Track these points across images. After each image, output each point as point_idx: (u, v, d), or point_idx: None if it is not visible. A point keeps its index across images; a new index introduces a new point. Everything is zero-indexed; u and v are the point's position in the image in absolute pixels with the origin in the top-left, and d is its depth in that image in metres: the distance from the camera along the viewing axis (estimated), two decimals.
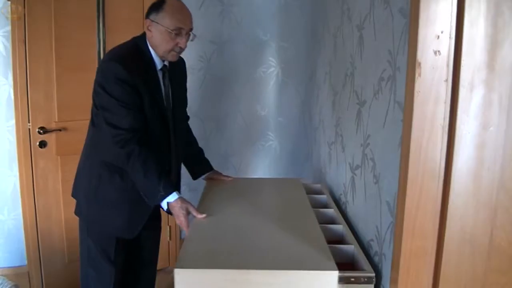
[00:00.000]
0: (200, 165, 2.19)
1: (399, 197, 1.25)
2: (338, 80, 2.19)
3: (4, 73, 2.60)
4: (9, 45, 2.56)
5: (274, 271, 1.30)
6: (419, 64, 1.17)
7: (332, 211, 1.97)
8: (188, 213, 1.71)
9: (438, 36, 1.16)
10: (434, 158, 1.18)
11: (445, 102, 1.18)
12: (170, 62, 1.89)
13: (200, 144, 3.08)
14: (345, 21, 2.06)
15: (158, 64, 1.84)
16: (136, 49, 1.81)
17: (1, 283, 2.06)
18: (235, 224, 1.67)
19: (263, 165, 3.28)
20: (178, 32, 1.75)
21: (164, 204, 1.72)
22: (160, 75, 1.86)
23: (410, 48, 1.20)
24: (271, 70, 3.16)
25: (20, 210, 2.73)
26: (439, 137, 1.18)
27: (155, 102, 1.80)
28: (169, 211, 1.74)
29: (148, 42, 1.82)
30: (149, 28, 1.78)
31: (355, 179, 1.83)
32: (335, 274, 1.30)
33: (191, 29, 1.80)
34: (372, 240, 1.56)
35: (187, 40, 1.80)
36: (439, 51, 1.16)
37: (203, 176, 2.20)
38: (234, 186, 2.13)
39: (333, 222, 1.93)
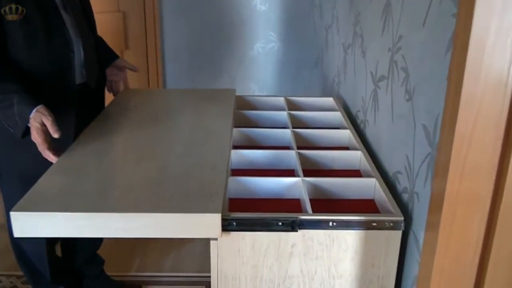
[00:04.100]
0: (102, 54, 1.90)
1: (445, 122, 1.01)
2: None
3: None
4: None
5: (132, 214, 1.14)
6: None
7: (346, 133, 1.77)
8: (44, 126, 1.44)
9: None
10: (501, 69, 0.92)
11: None
12: None
13: (187, 50, 2.92)
14: None
15: None
16: None
17: None
18: (123, 150, 1.52)
19: (263, 72, 3.10)
20: None
21: None
22: None
23: None
24: None
25: None
26: (510, 38, 0.91)
27: None
28: None
29: None
30: None
31: (378, 93, 1.59)
32: (215, 217, 1.14)
33: None
34: (399, 172, 1.35)
35: None
36: None
37: (108, 70, 1.93)
38: (149, 99, 1.97)
39: (347, 147, 1.73)
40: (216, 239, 1.22)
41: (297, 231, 1.21)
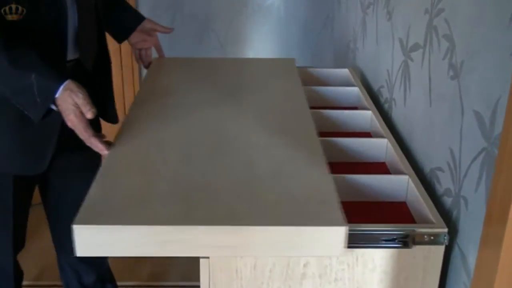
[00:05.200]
0: (124, 16, 1.81)
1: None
2: None
3: None
4: None
5: (232, 228, 1.04)
6: None
7: (368, 115, 1.69)
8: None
9: None
10: None
11: None
12: None
13: (166, 7, 2.94)
14: None
15: None
16: None
17: None
18: (188, 141, 1.38)
19: (259, 35, 3.05)
20: None
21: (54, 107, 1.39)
22: None
23: None
24: None
25: None
26: None
27: None
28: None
29: None
30: None
31: (410, 66, 1.51)
32: (339, 231, 1.03)
33: None
34: (440, 169, 1.26)
35: None
36: None
37: (133, 36, 1.83)
38: (193, 71, 1.88)
39: (369, 133, 1.65)
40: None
41: (410, 247, 1.13)
